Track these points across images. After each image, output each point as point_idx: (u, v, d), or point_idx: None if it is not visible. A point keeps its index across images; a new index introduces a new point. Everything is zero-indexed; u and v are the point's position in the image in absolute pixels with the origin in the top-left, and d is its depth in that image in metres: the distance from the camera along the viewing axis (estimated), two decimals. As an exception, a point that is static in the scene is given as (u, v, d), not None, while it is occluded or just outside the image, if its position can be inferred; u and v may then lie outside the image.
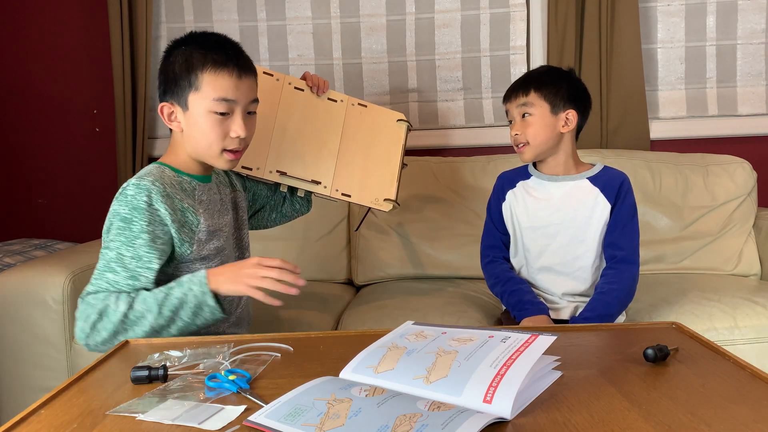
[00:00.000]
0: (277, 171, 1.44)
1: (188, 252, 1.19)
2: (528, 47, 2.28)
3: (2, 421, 1.59)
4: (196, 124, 1.19)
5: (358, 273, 2.04)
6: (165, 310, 1.08)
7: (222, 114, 1.18)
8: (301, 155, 1.46)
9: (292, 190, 1.51)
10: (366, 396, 0.72)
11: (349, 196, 1.46)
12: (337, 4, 2.28)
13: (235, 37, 2.30)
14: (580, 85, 1.49)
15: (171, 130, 1.25)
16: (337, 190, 1.46)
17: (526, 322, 1.41)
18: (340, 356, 0.86)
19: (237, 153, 1.22)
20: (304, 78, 1.48)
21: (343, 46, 2.29)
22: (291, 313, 1.66)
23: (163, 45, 2.31)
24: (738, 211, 1.99)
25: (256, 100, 1.24)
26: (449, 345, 0.81)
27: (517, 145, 1.48)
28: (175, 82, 1.19)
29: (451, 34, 2.28)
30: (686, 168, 2.03)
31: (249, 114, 1.23)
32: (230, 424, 0.68)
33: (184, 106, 1.19)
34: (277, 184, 1.48)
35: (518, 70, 2.27)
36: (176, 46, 1.22)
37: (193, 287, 1.10)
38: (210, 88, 1.17)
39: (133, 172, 2.22)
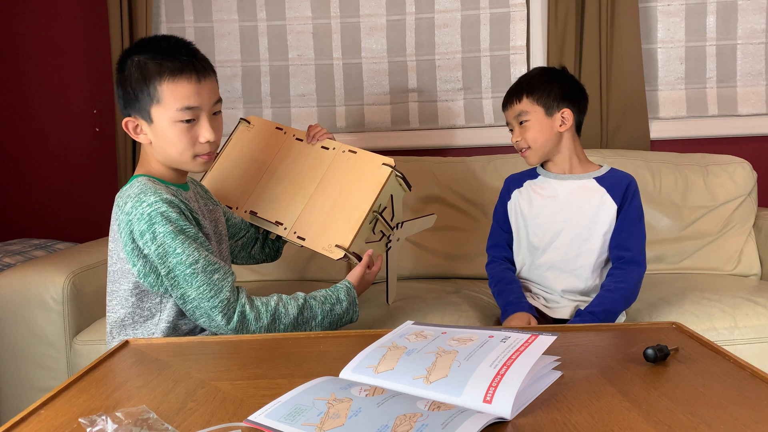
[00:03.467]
0: (250, 211, 1.46)
1: None
2: (528, 47, 2.28)
3: (2, 421, 1.59)
4: (164, 135, 1.17)
5: (358, 273, 2.04)
6: (325, 321, 1.23)
7: (188, 121, 1.16)
8: (276, 198, 1.46)
9: (267, 233, 1.52)
10: (366, 396, 0.72)
11: (304, 239, 1.39)
12: (337, 4, 2.28)
13: (235, 37, 2.30)
14: (572, 81, 1.51)
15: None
16: (294, 233, 1.40)
17: (505, 323, 1.42)
18: (340, 356, 0.86)
19: (209, 154, 1.22)
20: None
21: (343, 46, 2.29)
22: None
23: (163, 45, 2.31)
24: (738, 211, 1.99)
25: (219, 100, 1.22)
26: (449, 345, 0.81)
27: (520, 150, 1.52)
28: (134, 96, 1.16)
29: (451, 34, 2.28)
30: (686, 168, 2.03)
31: (214, 115, 1.22)
32: (231, 426, 0.68)
33: (148, 119, 1.17)
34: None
35: (518, 70, 2.28)
36: (127, 56, 1.18)
37: (350, 309, 1.27)
38: (171, 98, 1.14)
39: (133, 172, 2.22)
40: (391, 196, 1.40)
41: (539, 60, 2.25)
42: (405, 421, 0.65)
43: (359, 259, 1.36)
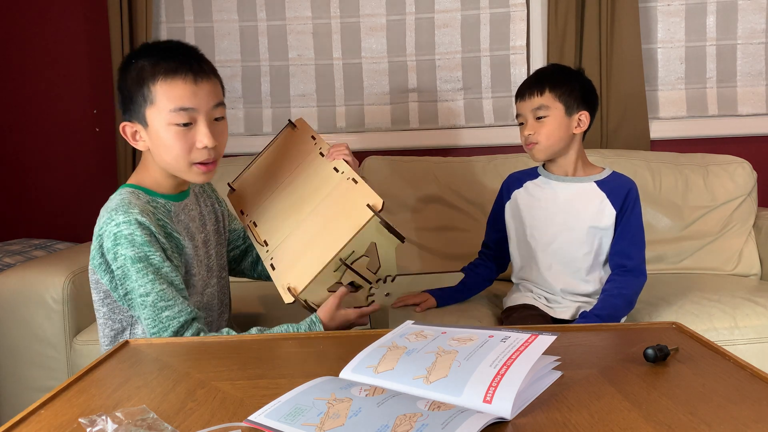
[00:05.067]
0: (253, 222, 1.35)
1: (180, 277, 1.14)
2: (528, 47, 2.28)
3: (2, 421, 1.59)
4: (159, 140, 1.11)
5: (358, 273, 2.04)
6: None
7: (184, 125, 1.10)
8: (275, 215, 1.33)
9: None
10: (366, 396, 0.72)
11: (274, 269, 1.24)
12: (337, 4, 2.28)
13: (235, 37, 2.30)
14: (590, 85, 1.50)
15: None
16: (271, 259, 1.25)
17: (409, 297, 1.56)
18: (340, 356, 0.86)
19: (209, 164, 1.14)
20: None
21: (343, 46, 2.29)
22: (291, 313, 1.65)
23: (163, 45, 2.31)
24: (738, 211, 1.99)
25: (221, 104, 1.15)
26: (449, 345, 0.81)
27: (527, 145, 1.48)
28: (130, 98, 1.12)
29: (451, 34, 2.28)
30: (686, 168, 2.03)
31: (216, 120, 1.15)
32: (231, 426, 0.68)
33: (144, 123, 1.12)
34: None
35: (518, 70, 2.28)
36: (128, 60, 1.14)
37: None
38: (165, 99, 1.09)
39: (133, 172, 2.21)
40: (375, 244, 1.15)
41: (539, 60, 2.25)
42: (405, 421, 0.65)
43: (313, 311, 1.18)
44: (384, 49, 2.29)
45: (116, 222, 1.08)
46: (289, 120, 1.50)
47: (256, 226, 1.34)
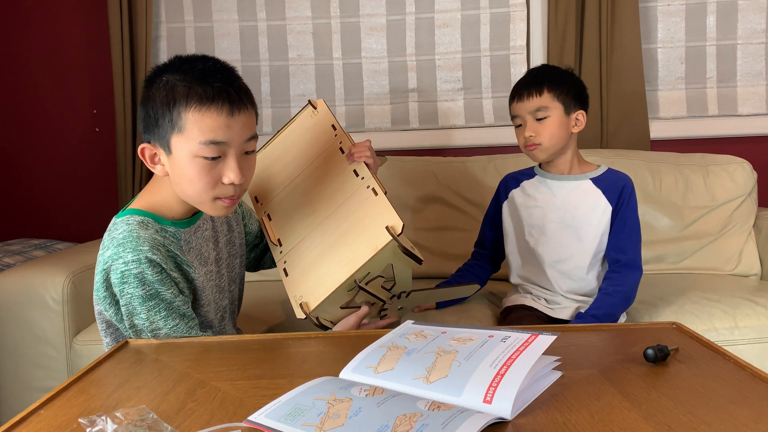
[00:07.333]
0: (267, 214, 1.30)
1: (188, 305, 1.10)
2: (528, 47, 2.28)
3: (2, 421, 1.59)
4: (182, 170, 1.02)
5: (358, 273, 2.04)
6: None
7: (212, 158, 1.01)
8: (292, 212, 1.28)
9: None
10: (366, 396, 0.72)
11: (287, 275, 1.20)
12: (337, 4, 2.28)
13: (235, 37, 2.30)
14: (583, 84, 1.51)
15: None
16: (284, 263, 1.22)
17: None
18: (340, 356, 0.86)
19: (233, 198, 1.06)
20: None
21: (343, 46, 2.29)
22: (291, 312, 1.65)
23: (163, 45, 2.31)
24: (738, 211, 1.99)
25: (254, 137, 1.06)
26: (449, 345, 0.81)
27: (528, 146, 1.46)
28: (155, 121, 1.02)
29: (451, 34, 2.28)
30: (686, 168, 2.03)
31: (246, 154, 1.06)
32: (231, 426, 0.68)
33: (167, 149, 1.02)
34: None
35: (518, 70, 2.28)
36: (158, 74, 1.04)
37: None
38: (195, 130, 0.99)
39: (133, 172, 2.22)
40: (391, 265, 1.15)
41: (539, 60, 2.25)
42: (405, 421, 0.65)
43: (323, 328, 1.17)
44: (384, 49, 2.29)
45: (124, 260, 1.00)
46: (309, 101, 1.41)
47: (270, 219, 1.30)
